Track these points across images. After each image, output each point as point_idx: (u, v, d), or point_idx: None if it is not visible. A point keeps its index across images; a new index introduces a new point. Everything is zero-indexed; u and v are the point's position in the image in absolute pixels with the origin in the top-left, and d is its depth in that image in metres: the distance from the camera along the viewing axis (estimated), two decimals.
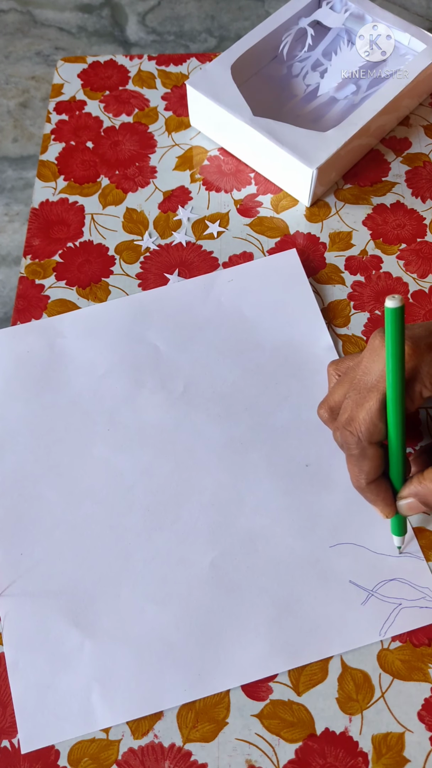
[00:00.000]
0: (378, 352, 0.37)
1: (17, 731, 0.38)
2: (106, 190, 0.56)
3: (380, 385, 0.36)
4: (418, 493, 0.38)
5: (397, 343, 0.34)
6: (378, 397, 0.36)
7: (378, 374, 0.37)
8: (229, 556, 0.42)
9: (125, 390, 0.47)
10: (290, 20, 0.58)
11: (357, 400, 0.37)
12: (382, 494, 0.39)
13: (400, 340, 0.34)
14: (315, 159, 0.51)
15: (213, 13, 0.71)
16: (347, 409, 0.38)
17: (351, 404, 0.38)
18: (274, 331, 0.49)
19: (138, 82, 0.62)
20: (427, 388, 0.37)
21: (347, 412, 0.38)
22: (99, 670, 0.39)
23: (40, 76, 0.68)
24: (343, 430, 0.38)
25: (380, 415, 0.37)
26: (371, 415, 0.36)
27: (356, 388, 0.38)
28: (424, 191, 0.56)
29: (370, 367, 0.37)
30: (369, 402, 0.37)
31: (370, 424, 0.37)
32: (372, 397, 0.36)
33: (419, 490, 0.38)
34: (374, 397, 0.36)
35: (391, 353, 0.34)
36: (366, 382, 0.37)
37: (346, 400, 0.38)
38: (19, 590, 0.41)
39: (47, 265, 0.53)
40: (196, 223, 0.55)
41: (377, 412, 0.36)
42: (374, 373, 0.37)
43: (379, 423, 0.37)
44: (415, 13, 0.66)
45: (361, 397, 0.37)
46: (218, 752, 0.38)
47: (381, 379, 0.36)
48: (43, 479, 0.45)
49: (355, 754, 0.37)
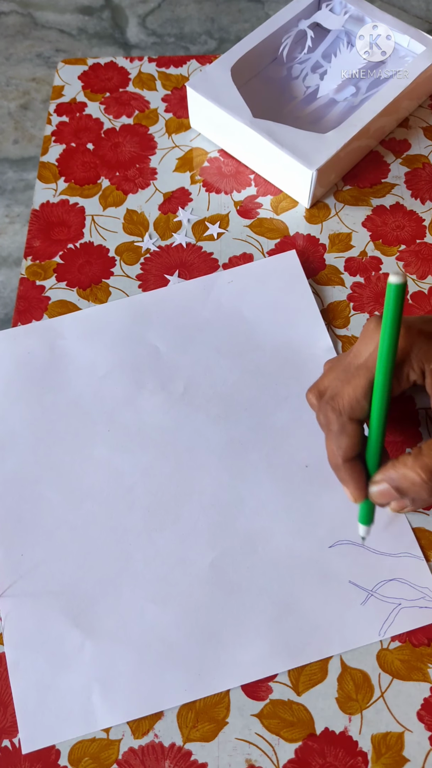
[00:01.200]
0: (371, 336, 0.37)
1: (18, 731, 0.38)
2: (107, 191, 0.57)
3: (370, 363, 0.37)
4: (391, 477, 0.37)
5: (394, 319, 0.34)
6: (366, 374, 0.37)
7: (368, 355, 0.37)
8: (229, 557, 0.42)
9: (125, 391, 0.48)
10: (290, 22, 0.59)
11: (344, 378, 0.38)
12: (355, 475, 0.38)
13: (397, 316, 0.34)
14: (315, 160, 0.51)
15: (213, 16, 0.71)
16: (332, 386, 0.38)
17: (337, 383, 0.38)
18: (274, 332, 0.49)
19: (138, 84, 0.62)
20: (414, 372, 0.37)
21: (332, 390, 0.38)
22: (99, 670, 0.40)
23: (41, 77, 0.68)
24: (325, 405, 0.38)
25: (365, 393, 0.37)
26: (356, 391, 0.37)
27: (346, 368, 0.38)
28: (424, 193, 0.56)
29: (361, 350, 0.38)
30: (357, 378, 0.37)
31: (353, 400, 0.37)
32: (360, 374, 0.37)
33: (392, 475, 0.37)
34: (362, 374, 0.37)
35: (387, 329, 0.34)
36: (355, 363, 0.38)
37: (333, 381, 0.39)
38: (19, 591, 0.42)
39: (48, 267, 0.53)
40: (196, 224, 0.55)
41: (362, 388, 0.37)
42: (364, 355, 0.37)
43: (362, 400, 0.37)
44: (415, 15, 0.66)
45: (349, 375, 0.37)
46: (218, 752, 0.38)
47: (371, 358, 0.37)
48: (44, 480, 0.45)
49: (355, 753, 0.38)
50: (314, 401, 0.41)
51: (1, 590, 0.42)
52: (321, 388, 0.40)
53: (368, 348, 0.37)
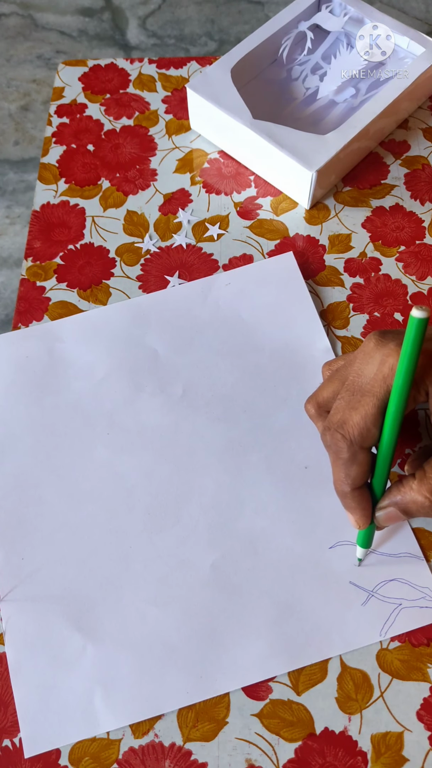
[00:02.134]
0: (372, 354, 0.37)
1: (19, 731, 0.38)
2: (107, 192, 0.57)
3: (375, 389, 0.36)
4: (398, 501, 0.38)
5: (413, 352, 0.33)
6: (374, 402, 0.36)
7: (371, 377, 0.36)
8: (230, 558, 0.42)
9: (124, 394, 0.48)
10: (290, 24, 0.59)
11: (350, 402, 0.37)
12: (363, 503, 0.38)
13: (417, 349, 0.33)
14: (314, 162, 0.51)
15: (213, 17, 0.71)
16: (339, 410, 0.37)
17: (343, 405, 0.37)
18: (272, 334, 0.50)
19: (138, 86, 0.62)
20: (421, 395, 0.37)
21: (339, 414, 0.37)
22: (101, 673, 0.40)
23: (41, 79, 0.68)
24: (334, 432, 0.37)
25: (375, 420, 0.36)
26: (366, 420, 0.36)
27: (349, 389, 0.37)
28: (423, 194, 0.56)
29: (363, 369, 0.37)
30: (364, 406, 0.36)
31: (364, 429, 0.36)
32: (367, 401, 0.36)
33: (399, 499, 0.38)
34: (370, 402, 0.36)
35: (405, 362, 0.34)
36: (359, 385, 0.37)
37: (337, 401, 0.38)
38: (20, 595, 0.42)
39: (48, 267, 0.53)
40: (197, 225, 0.55)
41: (372, 417, 0.36)
42: (367, 376, 0.36)
43: (372, 428, 0.36)
44: (414, 17, 0.66)
45: (355, 400, 0.36)
46: (218, 751, 0.38)
47: (375, 382, 0.36)
48: (44, 483, 0.45)
49: (355, 753, 0.38)
50: (313, 412, 0.41)
51: (2, 594, 0.42)
52: (320, 400, 0.40)
53: (370, 368, 0.36)
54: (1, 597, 0.41)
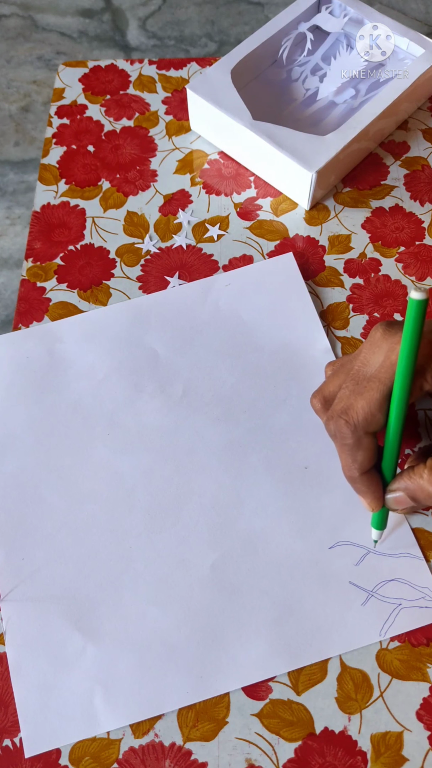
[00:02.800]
0: (379, 344, 0.37)
1: (19, 730, 0.38)
2: (107, 193, 0.57)
3: (381, 375, 0.36)
4: (408, 487, 0.38)
5: (414, 334, 0.34)
6: (379, 387, 0.36)
7: (377, 365, 0.36)
8: (230, 558, 0.42)
9: (125, 394, 0.48)
10: (290, 25, 0.59)
11: (355, 389, 0.37)
12: (373, 486, 0.39)
13: (418, 331, 0.33)
14: (314, 162, 0.51)
15: (213, 18, 0.71)
16: (343, 398, 0.37)
17: (347, 393, 0.37)
18: (272, 334, 0.50)
19: (139, 87, 0.62)
20: (428, 383, 0.37)
21: (343, 402, 0.37)
22: (101, 673, 0.40)
23: (42, 80, 0.68)
24: (337, 418, 0.37)
25: (380, 406, 0.36)
26: (371, 405, 0.36)
27: (353, 378, 0.37)
28: (423, 195, 0.56)
29: (369, 359, 0.37)
30: (369, 391, 0.36)
31: (368, 414, 0.36)
32: (372, 386, 0.36)
33: (408, 485, 0.38)
34: (375, 387, 0.36)
35: (407, 345, 0.34)
36: (364, 373, 0.37)
37: (342, 390, 0.38)
38: (20, 595, 0.42)
39: (48, 268, 0.53)
40: (197, 226, 0.55)
41: (377, 402, 0.36)
42: (373, 365, 0.37)
43: (377, 414, 0.36)
44: (414, 18, 0.66)
45: (360, 387, 0.37)
46: (218, 751, 0.38)
47: (382, 369, 0.36)
48: (44, 484, 0.45)
49: (354, 753, 0.38)
50: (319, 407, 0.41)
51: (2, 594, 0.42)
52: (326, 394, 0.40)
53: (377, 357, 0.37)
54: (2, 597, 0.42)
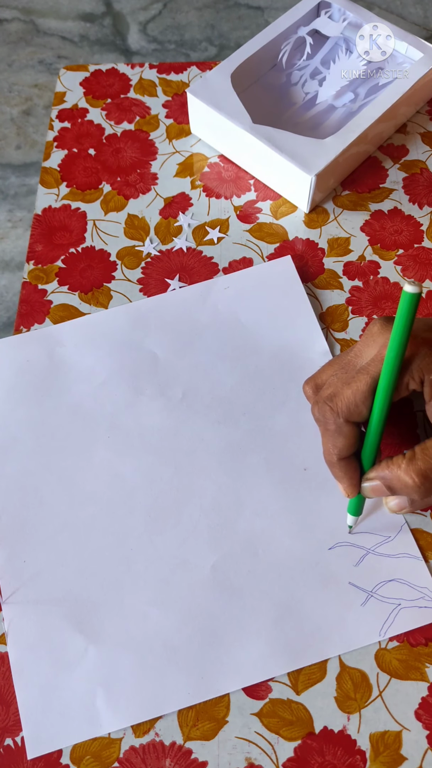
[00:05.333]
0: (374, 338, 0.37)
1: (20, 729, 0.39)
2: (108, 196, 0.57)
3: (371, 368, 0.37)
4: (384, 476, 0.38)
5: (404, 327, 0.34)
6: (366, 379, 0.37)
7: (369, 358, 0.37)
8: (230, 560, 0.43)
9: (125, 397, 0.48)
10: (289, 29, 0.59)
11: (344, 378, 0.38)
12: (350, 473, 0.40)
13: (408, 325, 0.34)
14: (314, 166, 0.51)
15: (213, 23, 0.72)
16: (331, 384, 0.38)
17: (336, 381, 0.38)
18: (271, 337, 0.50)
19: (139, 90, 0.63)
20: (414, 381, 0.37)
21: (330, 388, 0.38)
22: (103, 674, 0.40)
23: (43, 84, 0.69)
24: (323, 404, 0.38)
25: (364, 398, 0.37)
26: (356, 396, 0.37)
27: (344, 367, 0.38)
28: (421, 198, 0.56)
29: (362, 351, 0.38)
30: (357, 382, 0.37)
31: (352, 404, 0.37)
32: (360, 378, 0.37)
33: (386, 474, 0.38)
34: (363, 379, 0.37)
35: (397, 338, 0.34)
36: (355, 364, 0.38)
37: (332, 378, 0.39)
38: (22, 597, 0.42)
39: (50, 271, 0.54)
40: (197, 229, 0.55)
41: (362, 393, 0.37)
42: (365, 357, 0.37)
43: (361, 405, 0.37)
44: (413, 23, 0.66)
45: (349, 377, 0.37)
46: (218, 750, 0.38)
47: (373, 362, 0.37)
48: (45, 486, 0.45)
49: (354, 752, 0.38)
50: (310, 393, 0.41)
51: (4, 597, 0.42)
52: (318, 381, 0.41)
53: (370, 350, 0.37)
54: (4, 599, 0.42)
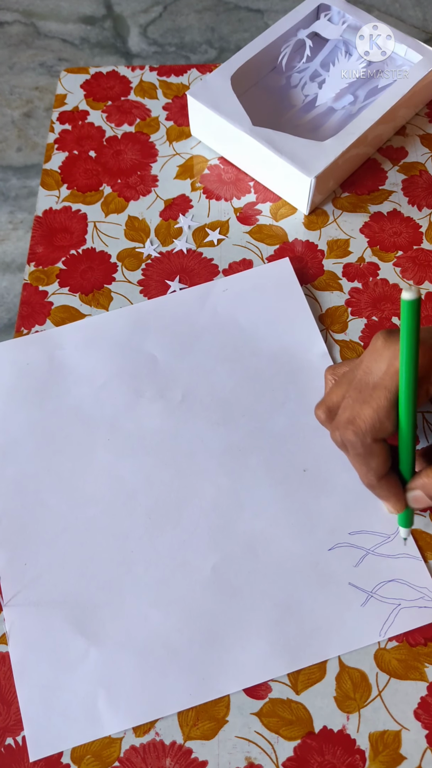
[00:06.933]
0: (381, 352, 0.37)
1: (21, 729, 0.39)
2: (109, 198, 0.57)
3: (386, 382, 0.36)
4: (425, 485, 0.38)
5: (411, 335, 0.33)
6: (385, 394, 0.36)
7: (381, 373, 0.36)
8: (231, 561, 0.43)
9: (124, 399, 0.48)
10: (289, 32, 0.59)
11: (359, 398, 0.37)
12: (393, 489, 0.39)
13: (414, 332, 0.33)
14: (313, 168, 0.52)
15: (213, 25, 0.72)
16: (347, 407, 0.37)
17: (351, 403, 0.37)
18: (270, 339, 0.50)
19: (140, 93, 0.63)
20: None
21: (348, 411, 0.37)
22: (104, 676, 0.40)
23: (44, 86, 0.69)
24: (344, 429, 0.37)
25: (387, 413, 0.36)
26: (379, 413, 0.36)
27: (356, 387, 0.37)
28: (420, 199, 0.56)
29: (371, 367, 0.37)
30: (376, 399, 0.36)
31: (376, 422, 0.36)
32: (378, 394, 0.36)
33: (425, 483, 0.38)
34: (381, 395, 0.36)
35: (406, 345, 0.34)
36: (368, 381, 0.37)
37: (345, 400, 0.38)
38: (23, 600, 0.42)
39: (51, 272, 0.54)
40: (197, 230, 0.56)
41: (384, 410, 0.36)
42: (377, 373, 0.36)
43: (385, 421, 0.36)
44: (412, 25, 0.67)
45: (365, 395, 0.37)
46: (218, 750, 0.38)
47: (386, 376, 0.36)
48: (46, 489, 0.45)
49: (353, 751, 0.38)
50: (324, 417, 0.41)
51: (5, 600, 0.42)
52: (330, 404, 0.40)
53: (379, 365, 0.36)
54: (5, 602, 0.42)
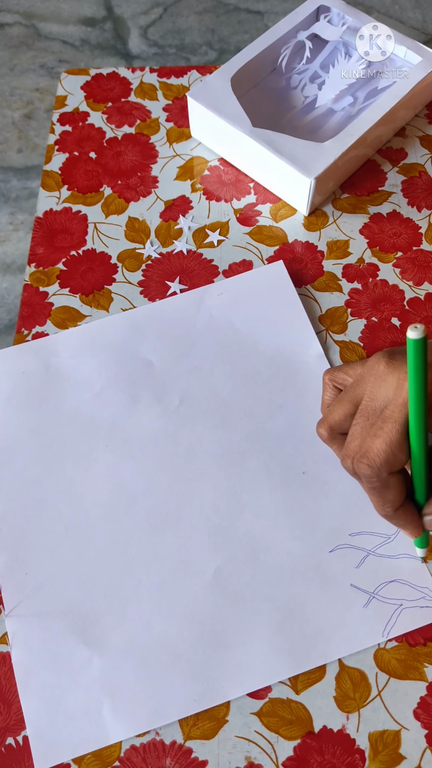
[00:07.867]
0: (384, 377, 0.36)
1: (22, 728, 0.39)
2: (109, 199, 0.58)
3: (396, 414, 0.35)
4: None
5: (420, 372, 0.33)
6: (396, 427, 0.35)
7: (387, 401, 0.36)
8: (232, 564, 0.43)
9: (122, 405, 0.48)
10: (289, 33, 0.60)
11: (368, 429, 0.36)
12: (410, 517, 0.39)
13: (422, 370, 0.33)
14: (313, 169, 0.52)
15: (213, 27, 0.72)
16: (356, 437, 0.37)
17: (361, 432, 0.37)
18: (266, 342, 0.50)
19: (140, 94, 0.63)
20: None
21: (357, 441, 0.37)
22: (109, 684, 0.40)
23: (44, 88, 0.69)
24: (358, 462, 0.37)
25: (400, 446, 0.36)
26: (391, 447, 0.35)
27: (363, 414, 0.37)
28: (420, 201, 0.57)
29: (376, 393, 0.36)
30: (387, 433, 0.35)
31: (390, 455, 0.36)
32: (389, 428, 0.35)
33: None
34: (392, 428, 0.35)
35: (414, 383, 0.33)
36: (374, 409, 0.36)
37: (353, 427, 0.37)
38: (25, 610, 0.42)
39: (51, 273, 0.54)
40: (197, 231, 0.56)
41: (397, 443, 0.35)
42: (381, 399, 0.36)
43: (399, 453, 0.36)
44: (411, 27, 0.67)
45: (375, 428, 0.36)
46: (218, 749, 0.38)
47: (395, 409, 0.35)
48: (45, 497, 0.45)
49: (353, 751, 0.38)
50: (326, 436, 0.41)
51: (7, 610, 0.42)
52: (332, 423, 0.40)
53: (384, 392, 0.36)
54: (7, 613, 0.42)
